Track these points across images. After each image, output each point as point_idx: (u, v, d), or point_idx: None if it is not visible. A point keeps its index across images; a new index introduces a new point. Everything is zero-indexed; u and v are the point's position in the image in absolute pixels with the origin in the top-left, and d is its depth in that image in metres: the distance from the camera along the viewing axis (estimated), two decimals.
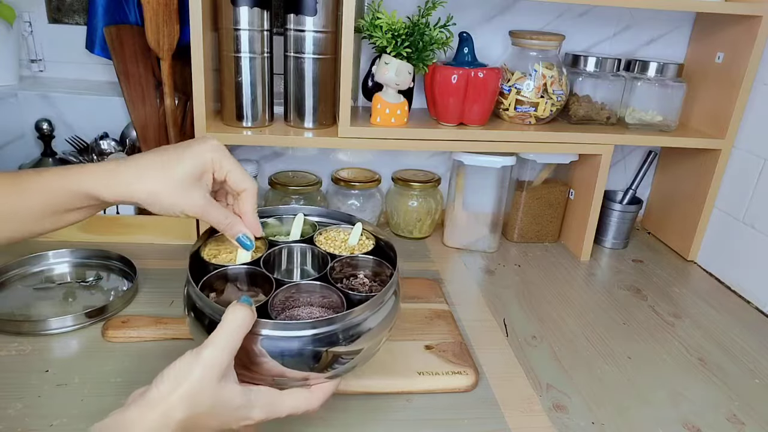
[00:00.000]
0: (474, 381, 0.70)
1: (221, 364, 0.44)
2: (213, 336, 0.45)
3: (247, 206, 0.57)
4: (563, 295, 0.94)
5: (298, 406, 0.50)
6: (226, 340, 0.45)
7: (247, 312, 0.46)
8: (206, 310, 0.51)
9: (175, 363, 0.44)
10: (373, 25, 0.89)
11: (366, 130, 0.94)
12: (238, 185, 0.56)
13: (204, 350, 0.44)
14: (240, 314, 0.45)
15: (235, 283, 0.59)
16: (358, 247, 0.66)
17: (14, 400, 0.62)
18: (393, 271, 0.60)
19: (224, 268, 0.58)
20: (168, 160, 0.53)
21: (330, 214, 0.70)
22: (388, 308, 0.56)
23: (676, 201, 1.16)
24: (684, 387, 0.73)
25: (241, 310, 0.46)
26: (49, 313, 0.78)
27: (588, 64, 1.03)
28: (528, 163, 1.08)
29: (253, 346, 0.48)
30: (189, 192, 0.53)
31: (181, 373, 0.43)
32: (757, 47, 0.95)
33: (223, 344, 0.44)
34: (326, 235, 0.67)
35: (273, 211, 0.69)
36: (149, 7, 0.89)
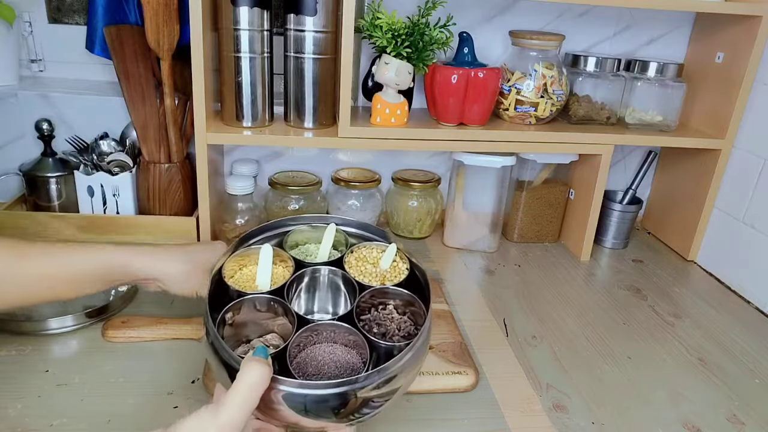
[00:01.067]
0: (474, 381, 0.70)
1: (238, 424, 0.43)
2: (230, 395, 0.43)
3: None
4: (563, 295, 0.94)
5: None
6: (243, 400, 0.43)
7: (264, 369, 0.44)
8: (220, 350, 0.50)
9: (190, 419, 0.42)
10: (373, 25, 0.89)
11: (366, 130, 0.94)
12: None
13: (221, 412, 0.42)
14: (257, 372, 0.44)
15: (254, 304, 0.58)
16: (391, 272, 0.63)
17: (14, 400, 0.62)
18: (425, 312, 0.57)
19: (244, 297, 0.57)
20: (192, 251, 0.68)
21: (365, 226, 0.68)
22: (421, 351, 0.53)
23: (676, 201, 1.16)
24: (684, 387, 0.73)
25: (257, 368, 0.44)
26: (49, 313, 0.78)
27: (588, 64, 1.03)
28: (528, 163, 1.08)
29: (270, 395, 0.46)
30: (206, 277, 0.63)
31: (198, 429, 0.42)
32: (757, 47, 0.95)
33: (239, 404, 0.43)
34: (357, 254, 0.65)
35: (304, 219, 0.68)
36: (149, 7, 0.89)
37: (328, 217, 0.68)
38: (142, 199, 1.00)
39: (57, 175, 0.99)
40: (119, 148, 1.01)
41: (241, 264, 0.63)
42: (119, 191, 0.97)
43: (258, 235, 0.66)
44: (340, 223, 0.68)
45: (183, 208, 1.01)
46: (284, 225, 0.68)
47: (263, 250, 0.60)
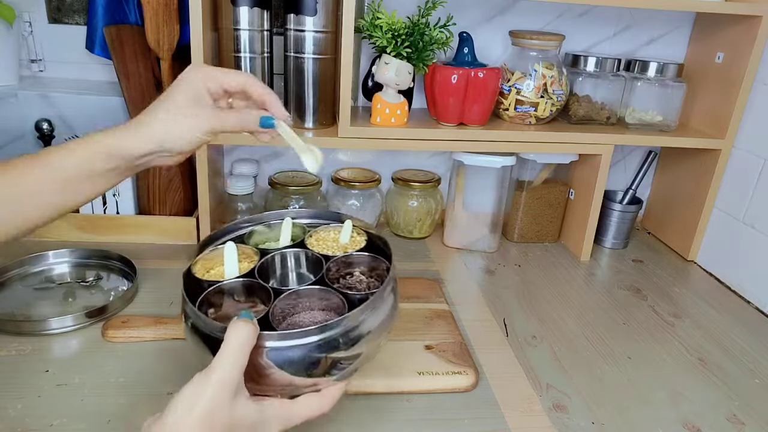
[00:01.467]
0: (474, 381, 0.70)
1: (232, 382, 0.44)
2: (219, 356, 0.44)
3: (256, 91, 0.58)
4: (563, 295, 0.94)
5: (311, 411, 0.50)
6: (233, 357, 0.44)
7: (250, 327, 0.46)
8: (204, 328, 0.50)
9: (185, 388, 0.43)
10: (373, 25, 0.89)
11: (366, 130, 0.94)
12: (235, 85, 0.57)
13: (213, 371, 0.44)
14: (242, 330, 0.45)
15: (233, 296, 0.58)
16: (351, 245, 0.65)
17: (14, 400, 0.62)
18: (389, 266, 0.59)
19: (219, 283, 0.57)
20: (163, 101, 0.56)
21: (318, 214, 0.70)
22: (389, 305, 0.55)
23: (676, 201, 1.16)
24: (684, 387, 0.73)
25: (243, 326, 0.45)
26: (49, 313, 0.78)
27: (588, 64, 1.03)
28: (528, 163, 1.08)
29: (259, 360, 0.47)
30: (194, 115, 0.55)
31: (194, 397, 0.43)
32: (757, 47, 0.95)
33: (230, 362, 0.44)
34: (317, 237, 0.66)
35: (260, 218, 0.68)
36: (149, 7, 0.89)
37: (282, 213, 0.68)
38: (142, 199, 1.00)
39: None
40: None
41: (207, 267, 0.62)
42: (119, 191, 0.97)
43: (217, 240, 0.65)
44: (295, 216, 0.68)
45: (183, 208, 1.01)
46: (239, 227, 0.67)
47: (227, 248, 0.60)
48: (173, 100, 0.55)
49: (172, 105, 0.55)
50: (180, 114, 0.55)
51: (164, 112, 0.55)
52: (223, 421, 0.43)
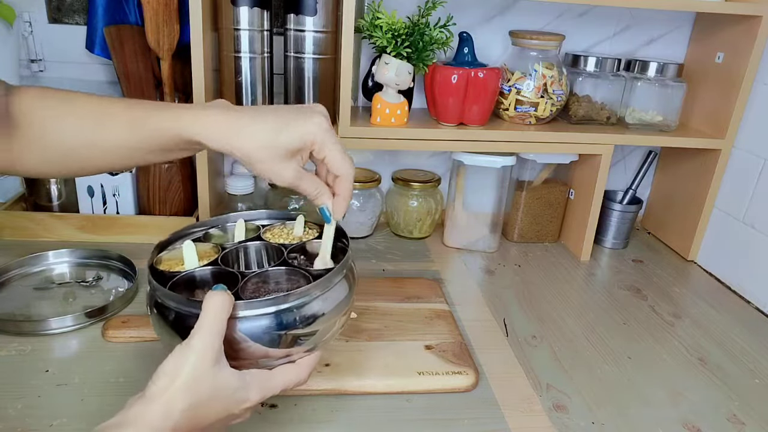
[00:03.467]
0: (474, 381, 0.70)
1: (212, 349, 0.45)
2: (198, 325, 0.45)
3: (340, 189, 0.57)
4: (563, 295, 0.94)
5: (289, 380, 0.51)
6: (211, 325, 0.45)
7: (225, 296, 0.46)
8: (171, 305, 0.50)
9: (167, 359, 0.44)
10: (373, 25, 0.89)
11: (366, 130, 0.94)
12: (336, 170, 0.56)
13: (193, 339, 0.45)
14: (218, 298, 0.46)
15: (203, 288, 0.58)
16: (305, 237, 0.65)
17: (14, 400, 0.62)
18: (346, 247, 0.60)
19: (186, 273, 0.57)
20: (274, 128, 0.53)
21: (271, 215, 0.69)
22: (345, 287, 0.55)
23: (676, 201, 1.16)
24: (684, 387, 0.73)
25: (218, 295, 0.46)
26: (49, 313, 0.78)
27: (588, 64, 1.03)
28: (528, 163, 1.08)
29: (233, 334, 0.48)
30: (283, 164, 0.53)
31: (176, 366, 0.44)
32: (757, 47, 0.95)
33: (209, 330, 0.45)
34: (271, 233, 0.66)
35: (215, 221, 0.67)
36: (149, 7, 0.89)
37: (233, 216, 0.68)
38: (142, 199, 1.00)
39: None
40: None
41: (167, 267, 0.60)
42: (119, 191, 0.97)
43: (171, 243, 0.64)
44: (247, 217, 0.68)
45: (183, 208, 1.01)
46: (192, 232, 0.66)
47: (185, 245, 0.59)
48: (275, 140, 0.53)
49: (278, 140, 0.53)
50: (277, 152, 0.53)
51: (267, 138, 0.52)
52: (206, 388, 0.44)
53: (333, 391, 0.66)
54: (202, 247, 0.62)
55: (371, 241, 1.10)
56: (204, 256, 0.61)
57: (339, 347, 0.73)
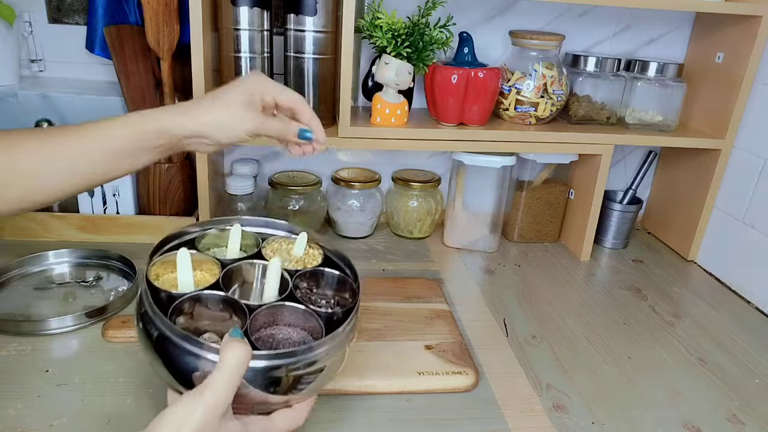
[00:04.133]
0: (474, 381, 0.70)
1: (223, 404, 0.44)
2: (215, 376, 0.44)
3: (305, 115, 0.65)
4: (563, 295, 0.94)
5: (288, 426, 0.51)
6: (227, 380, 0.44)
7: (246, 350, 0.45)
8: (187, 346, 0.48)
9: (173, 407, 0.43)
10: (373, 25, 0.89)
11: (366, 130, 0.94)
12: (287, 102, 0.64)
13: (206, 392, 0.43)
14: (239, 353, 0.44)
15: (206, 304, 0.56)
16: (307, 258, 0.64)
17: (14, 400, 0.62)
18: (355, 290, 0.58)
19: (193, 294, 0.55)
20: (221, 94, 0.61)
21: (269, 224, 0.68)
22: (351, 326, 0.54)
23: (676, 201, 1.16)
24: (684, 387, 0.73)
25: (240, 348, 0.45)
26: (49, 313, 0.78)
27: (588, 64, 1.03)
28: (528, 163, 1.08)
29: None
30: (245, 114, 0.60)
31: (183, 417, 0.42)
32: (757, 47, 0.95)
33: (224, 385, 0.44)
34: (271, 248, 0.64)
35: (211, 223, 0.66)
36: (149, 7, 0.89)
37: (231, 219, 0.66)
38: (142, 198, 1.00)
39: None
40: None
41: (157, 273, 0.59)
42: (119, 191, 0.97)
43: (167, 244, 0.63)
44: (245, 223, 0.66)
45: (183, 208, 1.01)
46: (187, 232, 0.64)
47: (180, 255, 0.57)
48: (230, 94, 0.61)
49: (228, 99, 0.60)
50: (233, 108, 0.60)
51: (220, 102, 0.60)
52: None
53: (333, 392, 0.66)
54: (199, 257, 0.61)
55: (371, 241, 1.10)
56: (201, 267, 0.60)
57: None
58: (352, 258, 0.63)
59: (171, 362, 0.48)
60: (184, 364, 0.47)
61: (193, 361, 0.47)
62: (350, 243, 1.08)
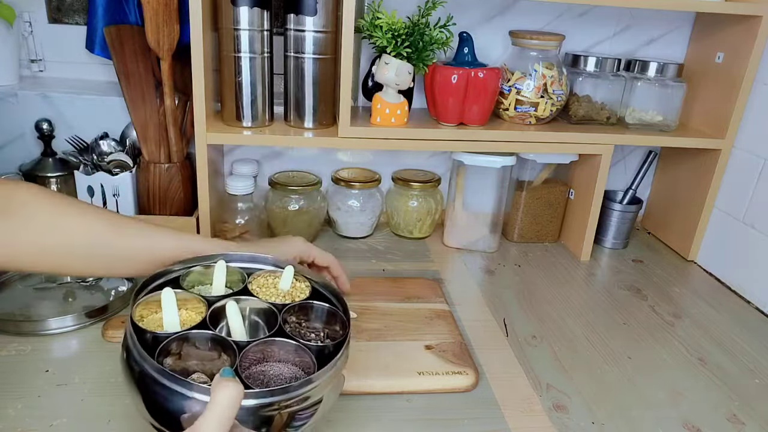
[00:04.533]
0: (474, 381, 0.70)
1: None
2: (207, 416, 0.43)
3: (336, 272, 0.74)
4: (563, 295, 0.94)
5: None
6: (219, 420, 0.43)
7: (238, 388, 0.44)
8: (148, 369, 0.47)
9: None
10: (373, 25, 0.89)
11: (366, 130, 0.94)
12: (322, 262, 0.73)
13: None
14: (231, 390, 0.44)
15: (193, 343, 0.55)
16: (295, 292, 0.62)
17: (14, 400, 0.62)
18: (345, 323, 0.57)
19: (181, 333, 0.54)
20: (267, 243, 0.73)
21: (255, 258, 0.66)
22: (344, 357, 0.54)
23: (676, 201, 1.16)
24: (684, 387, 0.74)
25: (232, 388, 0.44)
26: (49, 313, 0.78)
27: (588, 64, 1.03)
28: (528, 163, 1.08)
29: None
30: None
31: None
32: (757, 47, 0.95)
33: (216, 424, 0.43)
34: (257, 283, 0.63)
35: (194, 262, 0.63)
36: (149, 7, 0.89)
37: (216, 256, 0.64)
38: (142, 198, 1.00)
39: (57, 175, 0.99)
40: (119, 148, 1.01)
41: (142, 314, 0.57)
42: (119, 191, 0.97)
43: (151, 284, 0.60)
44: (229, 259, 0.64)
45: (183, 208, 1.01)
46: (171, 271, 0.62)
47: (164, 295, 0.56)
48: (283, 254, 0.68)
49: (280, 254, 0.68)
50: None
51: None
52: None
53: None
54: (183, 296, 0.59)
55: (371, 241, 1.10)
56: (186, 305, 0.58)
57: None
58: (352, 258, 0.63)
59: (158, 403, 0.47)
60: (172, 405, 0.46)
61: (181, 402, 0.46)
62: (350, 243, 1.08)
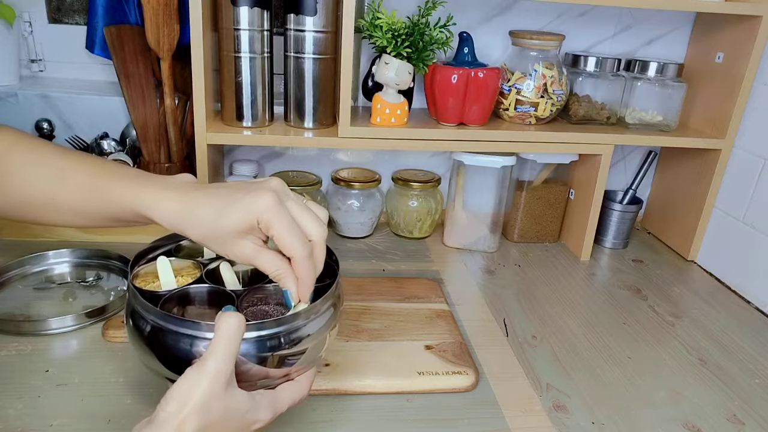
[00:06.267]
0: (474, 381, 0.70)
1: (226, 372, 0.44)
2: (213, 347, 0.44)
3: (298, 272, 0.51)
4: (563, 295, 0.94)
5: (294, 397, 0.51)
6: (226, 348, 0.44)
7: (239, 318, 0.46)
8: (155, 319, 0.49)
9: (178, 383, 0.43)
10: (373, 25, 0.89)
11: (366, 130, 0.94)
12: (285, 250, 0.49)
13: (207, 362, 0.44)
14: (234, 321, 0.45)
15: (193, 301, 0.57)
16: None
17: (14, 400, 0.62)
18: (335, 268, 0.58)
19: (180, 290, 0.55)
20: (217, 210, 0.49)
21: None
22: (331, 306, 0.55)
23: (676, 201, 1.16)
24: (684, 387, 0.73)
25: (233, 317, 0.45)
26: (49, 313, 0.78)
27: (588, 64, 1.03)
28: (528, 163, 1.08)
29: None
30: (234, 244, 0.50)
31: (188, 390, 0.43)
32: (757, 47, 0.95)
33: (223, 353, 0.44)
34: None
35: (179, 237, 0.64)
36: (149, 7, 0.89)
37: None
38: None
39: None
40: (119, 148, 1.01)
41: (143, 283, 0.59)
42: None
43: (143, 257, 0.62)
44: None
45: None
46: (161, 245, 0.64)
47: (159, 262, 0.58)
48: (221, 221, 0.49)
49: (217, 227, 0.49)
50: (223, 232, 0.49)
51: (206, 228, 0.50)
52: (217, 411, 0.44)
53: (333, 391, 0.66)
54: (179, 264, 0.60)
55: (371, 241, 1.10)
56: (182, 272, 0.59)
57: (339, 347, 0.73)
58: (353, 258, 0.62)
59: (169, 352, 0.49)
60: (183, 352, 0.48)
61: (192, 345, 0.47)
62: (350, 243, 1.08)
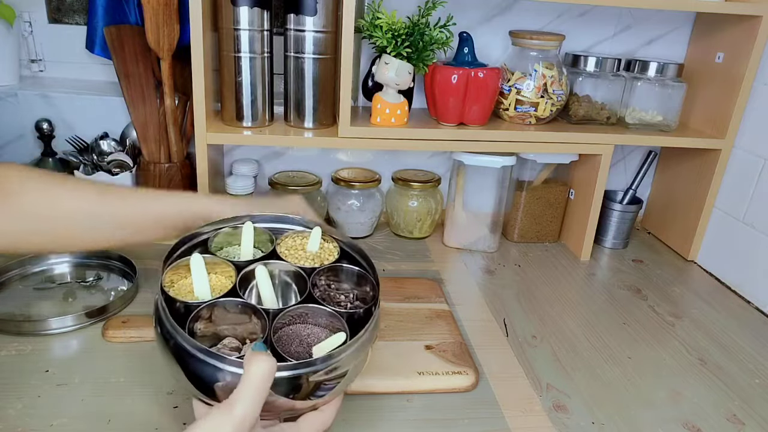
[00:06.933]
0: (474, 381, 0.70)
1: (252, 418, 0.44)
2: (242, 390, 0.44)
3: None
4: (563, 295, 0.94)
5: (317, 429, 0.51)
6: (255, 393, 0.44)
7: (271, 364, 0.45)
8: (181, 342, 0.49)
9: (202, 422, 0.43)
10: (373, 25, 0.89)
11: (366, 130, 0.94)
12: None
13: (235, 407, 0.43)
14: (265, 364, 0.44)
15: (224, 307, 0.56)
16: (323, 253, 0.62)
17: (14, 400, 0.62)
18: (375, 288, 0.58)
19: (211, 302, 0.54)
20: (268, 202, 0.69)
21: (282, 219, 0.66)
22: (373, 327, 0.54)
23: (676, 201, 1.16)
24: (684, 387, 0.73)
25: (265, 360, 0.45)
26: (49, 313, 0.78)
27: (588, 64, 1.03)
28: (528, 163, 1.08)
29: None
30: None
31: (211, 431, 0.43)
32: (757, 47, 0.95)
33: (252, 399, 0.44)
34: (285, 245, 0.63)
35: (222, 222, 0.63)
36: (149, 7, 0.89)
37: (243, 217, 0.64)
38: None
39: None
40: (119, 148, 1.01)
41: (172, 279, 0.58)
42: None
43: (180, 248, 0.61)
44: (257, 219, 0.64)
45: None
46: (200, 234, 0.63)
47: (193, 261, 0.56)
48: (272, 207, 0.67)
49: None
50: None
51: None
52: None
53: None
54: (211, 261, 0.59)
55: (371, 241, 1.10)
56: (214, 270, 0.59)
57: None
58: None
59: (192, 372, 0.48)
60: (206, 376, 0.48)
61: (214, 373, 0.47)
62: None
